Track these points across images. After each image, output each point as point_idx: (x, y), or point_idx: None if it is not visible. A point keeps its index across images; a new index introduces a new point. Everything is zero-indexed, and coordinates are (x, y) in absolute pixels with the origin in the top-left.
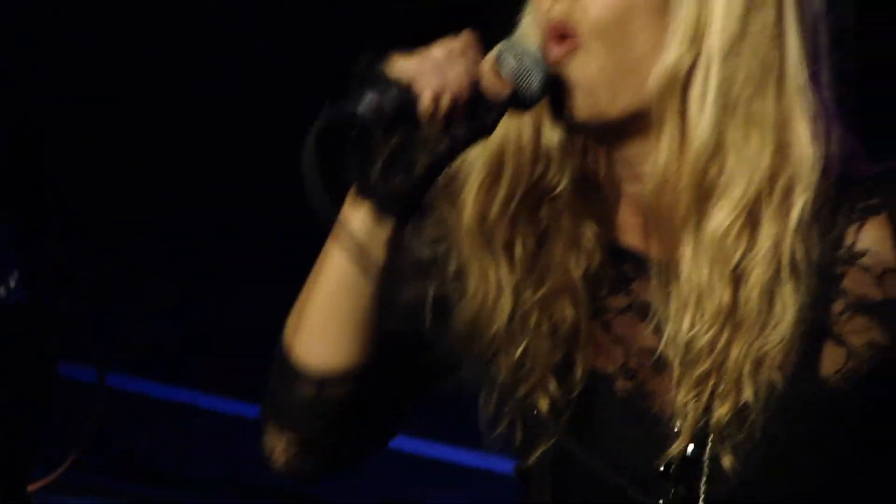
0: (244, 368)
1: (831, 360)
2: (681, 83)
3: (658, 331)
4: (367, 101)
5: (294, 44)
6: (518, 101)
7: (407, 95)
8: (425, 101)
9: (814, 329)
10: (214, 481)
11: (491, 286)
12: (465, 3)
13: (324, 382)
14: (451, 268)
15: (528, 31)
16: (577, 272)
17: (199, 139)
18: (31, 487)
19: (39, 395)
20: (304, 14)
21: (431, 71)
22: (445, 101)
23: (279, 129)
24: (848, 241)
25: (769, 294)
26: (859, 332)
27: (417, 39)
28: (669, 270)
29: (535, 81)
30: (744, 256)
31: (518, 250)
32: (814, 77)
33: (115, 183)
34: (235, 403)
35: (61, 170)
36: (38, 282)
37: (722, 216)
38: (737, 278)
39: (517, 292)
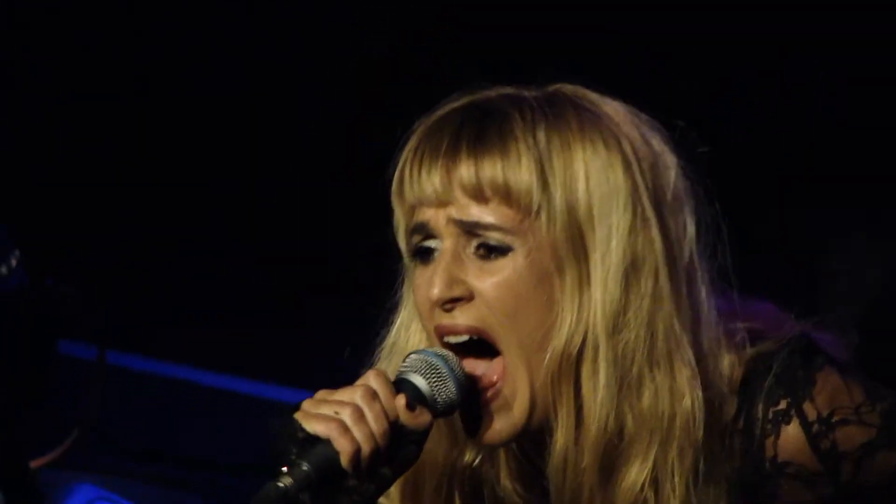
0: (248, 346)
1: None
2: (572, 366)
3: None
4: (289, 473)
5: (294, 44)
6: (439, 415)
7: (328, 455)
8: (346, 457)
9: None
10: (217, 458)
11: None
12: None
13: None
14: None
15: (414, 339)
16: None
17: (199, 139)
18: (34, 464)
19: (40, 374)
20: (303, 14)
21: (348, 424)
22: (366, 453)
23: (279, 129)
24: (769, 453)
25: None
26: None
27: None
28: None
29: (452, 391)
30: None
31: None
32: (694, 315)
33: (114, 181)
34: (239, 380)
35: (61, 168)
36: (42, 260)
37: (627, 486)
38: None
39: None
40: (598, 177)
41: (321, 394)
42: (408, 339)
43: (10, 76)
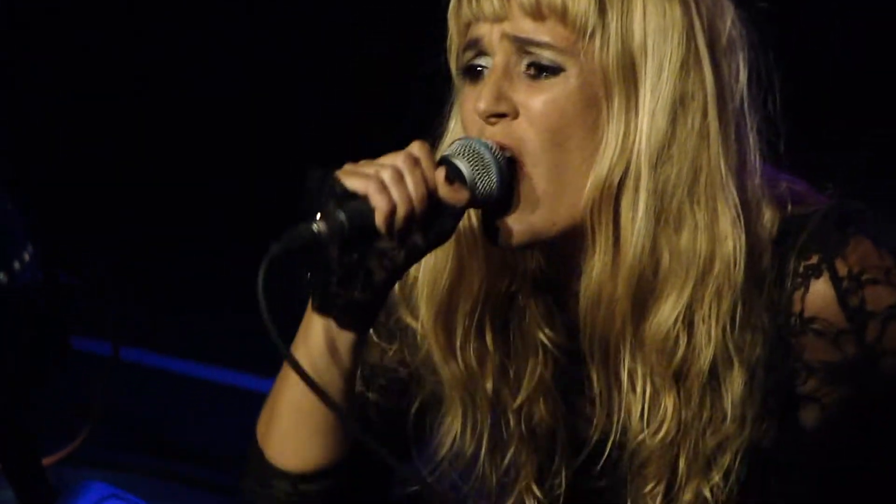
0: (259, 342)
1: (809, 416)
2: (612, 194)
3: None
4: (324, 219)
5: (294, 44)
6: (476, 203)
7: (363, 210)
8: (381, 215)
9: (783, 396)
10: (229, 454)
11: (469, 402)
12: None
13: (299, 480)
14: (427, 386)
15: (465, 129)
16: (547, 374)
17: (199, 139)
18: (47, 461)
19: (53, 370)
20: (303, 14)
21: (387, 183)
22: (402, 214)
23: (279, 129)
24: (796, 308)
25: (711, 393)
26: (828, 392)
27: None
28: (610, 368)
29: (493, 180)
30: (683, 359)
31: (489, 363)
32: (741, 159)
33: (115, 182)
34: (250, 377)
35: (63, 167)
36: (52, 256)
37: (660, 320)
38: (678, 379)
39: (495, 403)
40: (655, 10)
41: (364, 161)
42: None
43: (10, 76)
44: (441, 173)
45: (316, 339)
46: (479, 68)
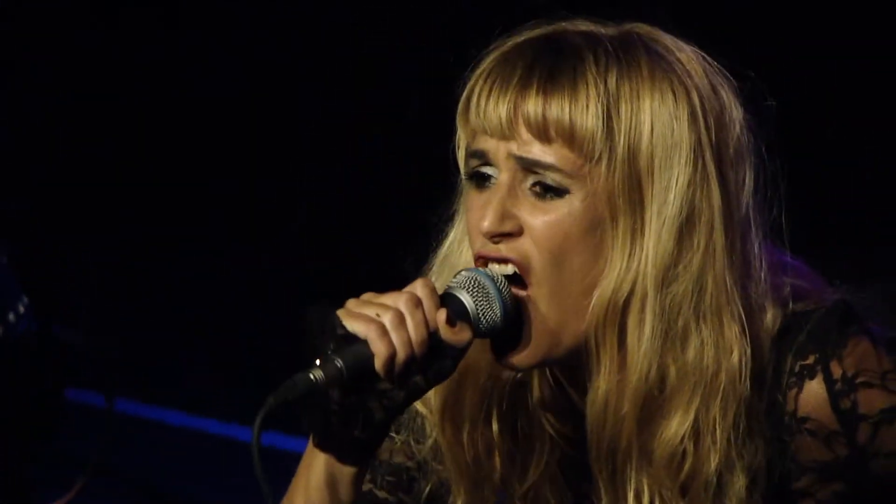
0: (255, 395)
1: None
2: (617, 315)
3: None
4: (322, 366)
5: (294, 44)
6: (480, 336)
7: (363, 356)
8: (381, 361)
9: (780, 496)
10: None
11: (477, 490)
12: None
13: None
14: (434, 476)
15: (465, 256)
16: (553, 461)
17: (199, 139)
18: None
19: (47, 421)
20: (304, 14)
21: (388, 328)
22: (401, 359)
23: (279, 129)
24: (790, 407)
25: (717, 494)
26: (821, 488)
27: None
28: (617, 483)
29: (497, 314)
30: (690, 471)
31: (497, 451)
32: (745, 270)
33: (115, 191)
34: (242, 428)
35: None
36: (46, 308)
37: (668, 437)
38: (685, 492)
39: (502, 489)
40: (663, 128)
41: (367, 295)
42: (460, 253)
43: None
44: (443, 315)
45: (317, 472)
46: (485, 176)
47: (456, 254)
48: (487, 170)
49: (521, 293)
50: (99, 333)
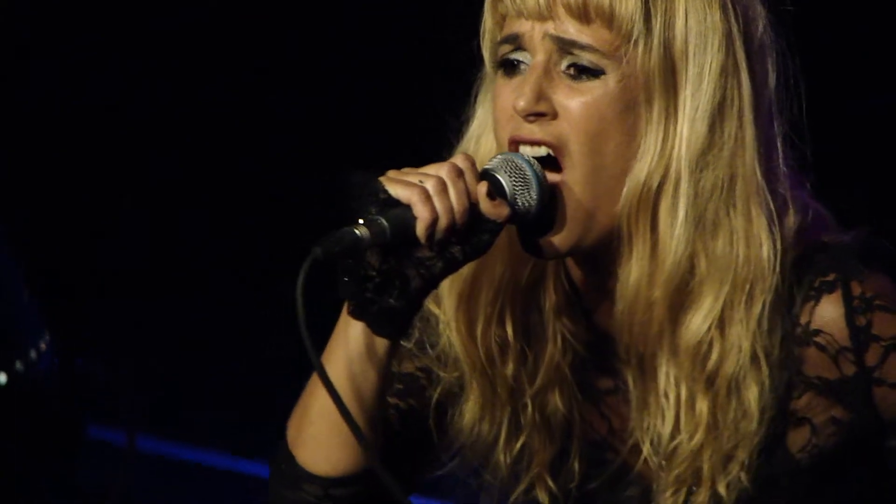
0: (274, 432)
1: (798, 438)
2: (651, 200)
3: (640, 418)
4: (366, 224)
5: (293, 43)
6: (515, 218)
7: (405, 218)
8: (423, 225)
9: (778, 412)
10: None
11: (488, 388)
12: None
13: (330, 484)
14: (443, 383)
15: (487, 146)
16: (564, 364)
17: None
18: None
19: (67, 457)
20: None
21: (430, 193)
22: (443, 226)
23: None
24: (804, 319)
25: (737, 393)
26: (820, 411)
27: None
28: (646, 372)
29: (533, 197)
30: (717, 363)
31: (510, 350)
32: (771, 165)
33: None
34: (264, 466)
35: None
36: (68, 345)
37: (696, 326)
38: (711, 383)
39: (513, 389)
40: (697, 15)
41: (408, 168)
42: (477, 149)
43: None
44: (483, 187)
45: (354, 341)
46: (516, 62)
47: (473, 150)
48: (519, 55)
49: (555, 177)
50: (121, 368)
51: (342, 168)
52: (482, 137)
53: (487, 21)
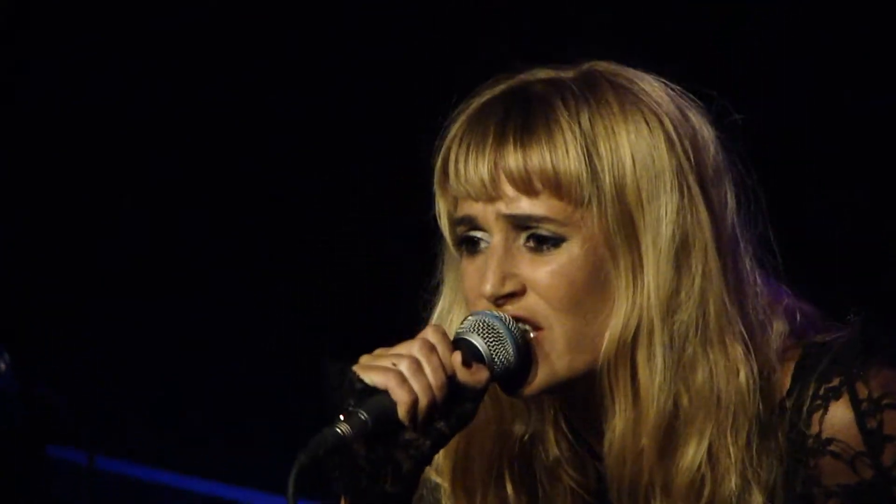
0: (239, 453)
1: None
2: (628, 350)
3: None
4: (346, 420)
5: (292, 43)
6: (496, 378)
7: (385, 406)
8: (404, 408)
9: None
10: None
11: None
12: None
13: None
14: None
15: (457, 323)
16: None
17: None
18: None
19: (28, 478)
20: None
21: (406, 376)
22: (424, 405)
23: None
24: (814, 430)
25: None
26: None
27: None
28: None
29: (510, 353)
30: (710, 494)
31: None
32: (742, 289)
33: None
34: (230, 488)
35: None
36: (28, 366)
37: (686, 464)
38: None
39: None
40: (644, 159)
41: (379, 350)
42: (450, 323)
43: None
44: (458, 357)
45: None
46: (476, 239)
47: (446, 324)
48: (477, 234)
49: (534, 333)
50: (81, 391)
51: (320, 353)
52: (454, 310)
53: (440, 202)
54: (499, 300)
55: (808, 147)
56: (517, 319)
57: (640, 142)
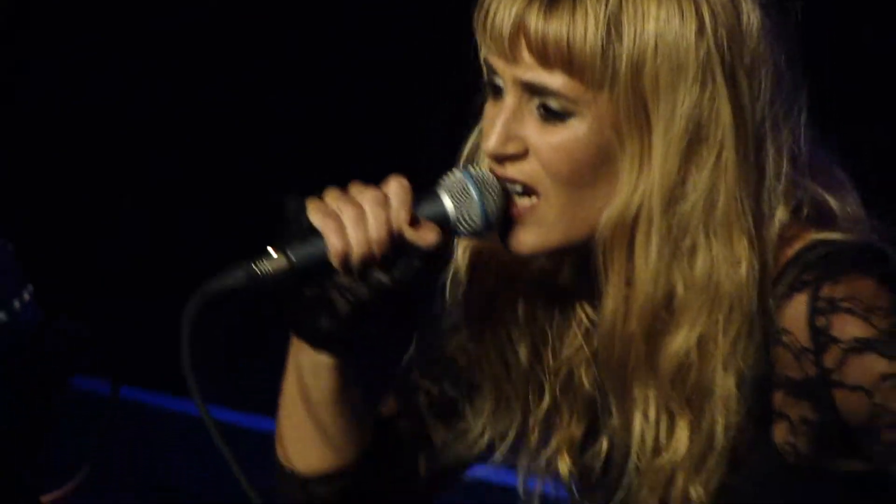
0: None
1: (780, 434)
2: (626, 234)
3: None
4: (273, 256)
5: (292, 43)
6: (457, 235)
7: (315, 250)
8: (334, 256)
9: (761, 407)
10: (228, 496)
11: (513, 365)
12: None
13: (307, 483)
14: (467, 359)
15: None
16: (589, 347)
17: (202, 144)
18: (45, 499)
19: (51, 409)
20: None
21: (345, 224)
22: (357, 256)
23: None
24: (778, 318)
25: (712, 410)
26: (793, 409)
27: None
28: (628, 405)
29: (477, 217)
30: (696, 382)
31: (526, 332)
32: (762, 180)
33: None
34: (251, 416)
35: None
36: (51, 296)
37: (674, 353)
38: (690, 402)
39: (536, 364)
40: (667, 48)
41: (353, 185)
42: (462, 158)
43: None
44: (404, 215)
45: (302, 359)
46: (498, 87)
47: (463, 156)
48: (499, 81)
49: (529, 200)
50: (106, 321)
51: (291, 189)
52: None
53: (480, 43)
54: (500, 159)
55: (829, 85)
56: (513, 182)
57: (668, 29)
